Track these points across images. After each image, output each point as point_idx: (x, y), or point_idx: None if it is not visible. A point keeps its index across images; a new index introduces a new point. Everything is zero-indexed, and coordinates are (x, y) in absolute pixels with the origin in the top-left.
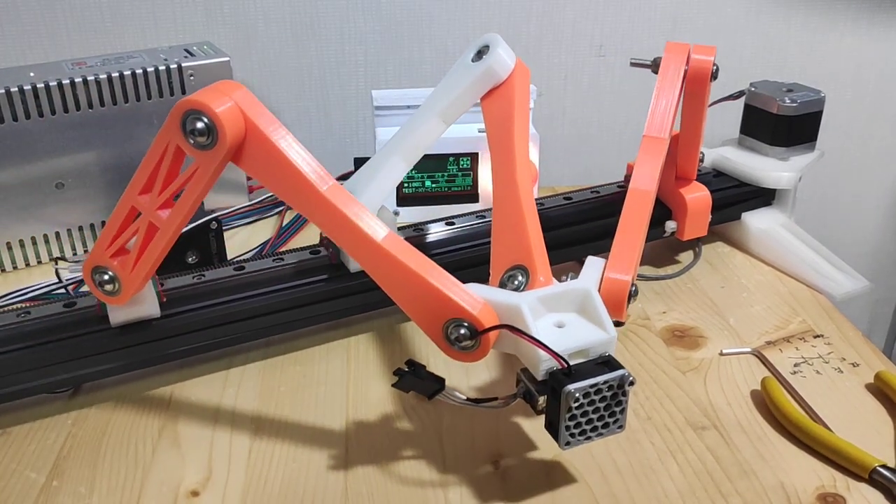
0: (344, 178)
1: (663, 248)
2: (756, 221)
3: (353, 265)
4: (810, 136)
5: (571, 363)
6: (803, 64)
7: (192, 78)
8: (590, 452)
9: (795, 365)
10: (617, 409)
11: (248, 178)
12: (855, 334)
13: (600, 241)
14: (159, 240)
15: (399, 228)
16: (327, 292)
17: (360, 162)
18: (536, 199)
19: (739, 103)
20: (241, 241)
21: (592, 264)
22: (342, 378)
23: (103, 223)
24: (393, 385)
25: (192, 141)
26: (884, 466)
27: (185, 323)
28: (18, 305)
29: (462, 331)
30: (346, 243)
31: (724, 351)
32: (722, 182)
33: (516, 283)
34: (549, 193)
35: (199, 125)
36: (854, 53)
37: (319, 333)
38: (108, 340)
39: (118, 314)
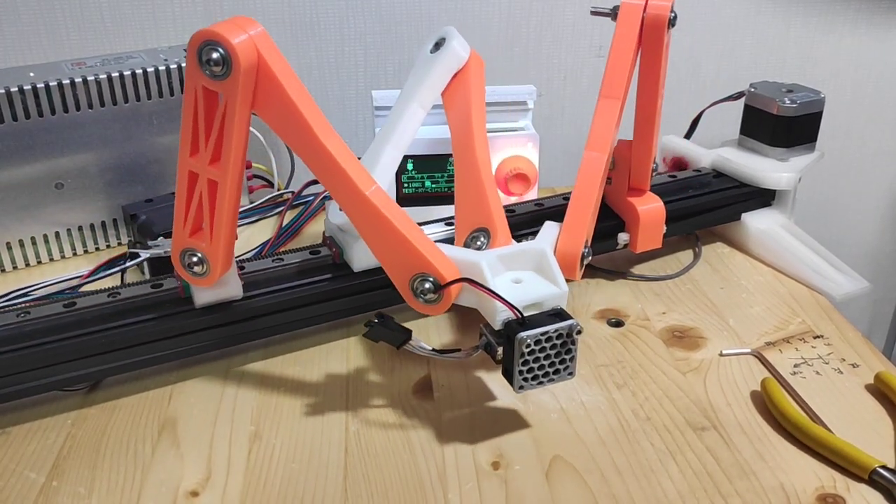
0: None
1: (663, 249)
2: (756, 222)
3: (357, 265)
4: (810, 136)
5: (525, 314)
6: (802, 65)
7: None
8: (589, 453)
9: (795, 366)
10: (567, 357)
11: (249, 179)
12: (855, 335)
13: (598, 244)
14: (221, 195)
15: None
16: (329, 292)
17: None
18: (536, 200)
19: (739, 104)
20: (241, 242)
21: (549, 227)
22: (341, 378)
23: (103, 223)
24: (363, 335)
25: (208, 72)
26: (883, 467)
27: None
28: (18, 305)
29: (427, 284)
30: (335, 191)
31: (724, 352)
32: (721, 182)
33: (479, 243)
34: (549, 194)
35: (215, 55)
36: (853, 54)
37: (319, 334)
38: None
39: (202, 296)
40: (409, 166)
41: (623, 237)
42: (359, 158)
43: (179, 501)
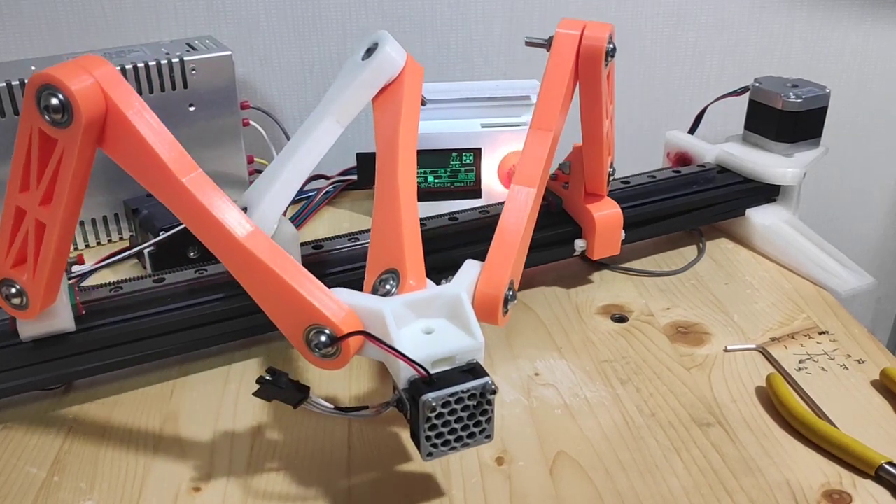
0: (346, 173)
1: (666, 244)
2: (760, 218)
3: None
4: (815, 131)
5: (435, 371)
6: (807, 60)
7: (193, 72)
8: (594, 449)
9: (800, 362)
10: (482, 419)
11: (250, 174)
12: (860, 331)
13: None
14: (49, 237)
15: None
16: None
17: (361, 157)
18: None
19: (744, 99)
20: None
21: (470, 267)
22: (344, 372)
23: (105, 218)
24: (253, 394)
25: (48, 118)
26: (890, 463)
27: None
28: None
29: (322, 337)
30: (206, 237)
31: (729, 347)
32: (726, 178)
33: (387, 287)
34: None
35: (54, 101)
36: (858, 50)
37: None
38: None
39: (27, 329)
40: None
41: (580, 244)
42: (360, 153)
43: (181, 497)
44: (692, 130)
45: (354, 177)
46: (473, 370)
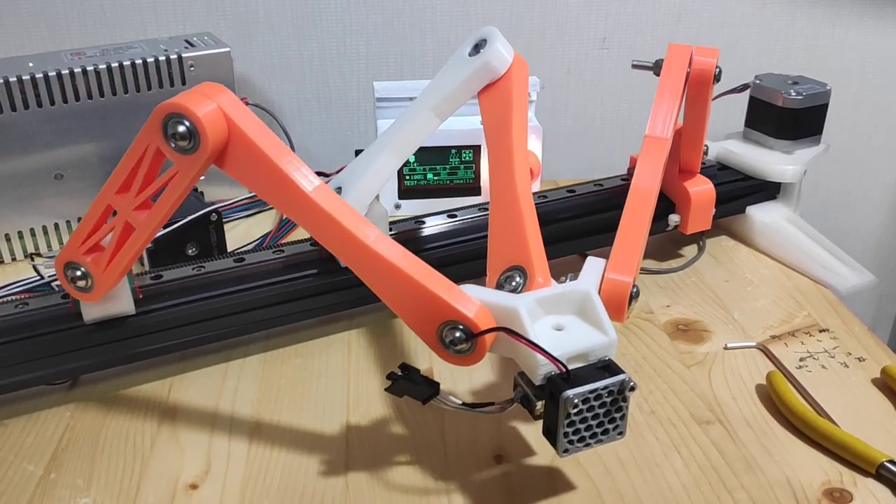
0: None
1: (667, 241)
2: (761, 215)
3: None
4: (815, 129)
5: (570, 367)
6: (808, 58)
7: (192, 69)
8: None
9: (801, 359)
10: (617, 416)
11: None
12: (861, 329)
13: (603, 235)
14: (135, 241)
15: (400, 221)
16: (330, 284)
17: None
18: (539, 193)
19: (744, 96)
20: (241, 233)
21: (592, 265)
22: (343, 371)
23: None
24: (386, 389)
25: (173, 145)
26: (891, 461)
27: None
28: (17, 296)
29: (457, 334)
30: (334, 246)
31: (729, 345)
32: (726, 175)
33: (514, 284)
34: (552, 187)
35: (181, 129)
36: (859, 47)
37: (320, 326)
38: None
39: (91, 311)
40: (411, 159)
41: (674, 218)
42: (360, 151)
43: (179, 494)
44: None
45: None
46: (609, 367)
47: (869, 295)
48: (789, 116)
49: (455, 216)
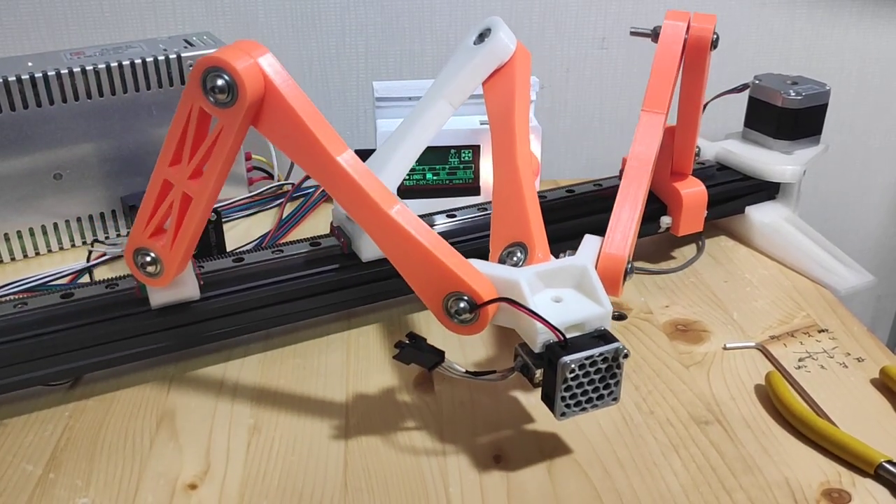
0: None
1: (666, 242)
2: (760, 215)
3: (365, 255)
4: (815, 129)
5: (567, 336)
6: (807, 58)
7: (191, 68)
8: (592, 447)
9: (800, 360)
10: (612, 381)
11: (248, 170)
12: (860, 329)
13: (603, 235)
14: (194, 210)
15: None
16: (330, 284)
17: (359, 154)
18: (538, 192)
19: (743, 96)
20: (240, 233)
21: (589, 241)
22: (342, 370)
23: (102, 214)
24: (394, 357)
25: (212, 99)
26: (889, 462)
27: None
28: (16, 296)
29: (462, 304)
30: (357, 213)
31: (728, 345)
32: (725, 175)
33: (515, 258)
34: (551, 186)
35: (220, 82)
36: (858, 48)
37: (319, 326)
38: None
39: (158, 296)
40: None
41: (665, 220)
42: (359, 150)
43: (178, 494)
44: None
45: None
46: (604, 336)
47: (868, 295)
48: (789, 116)
49: (454, 216)
